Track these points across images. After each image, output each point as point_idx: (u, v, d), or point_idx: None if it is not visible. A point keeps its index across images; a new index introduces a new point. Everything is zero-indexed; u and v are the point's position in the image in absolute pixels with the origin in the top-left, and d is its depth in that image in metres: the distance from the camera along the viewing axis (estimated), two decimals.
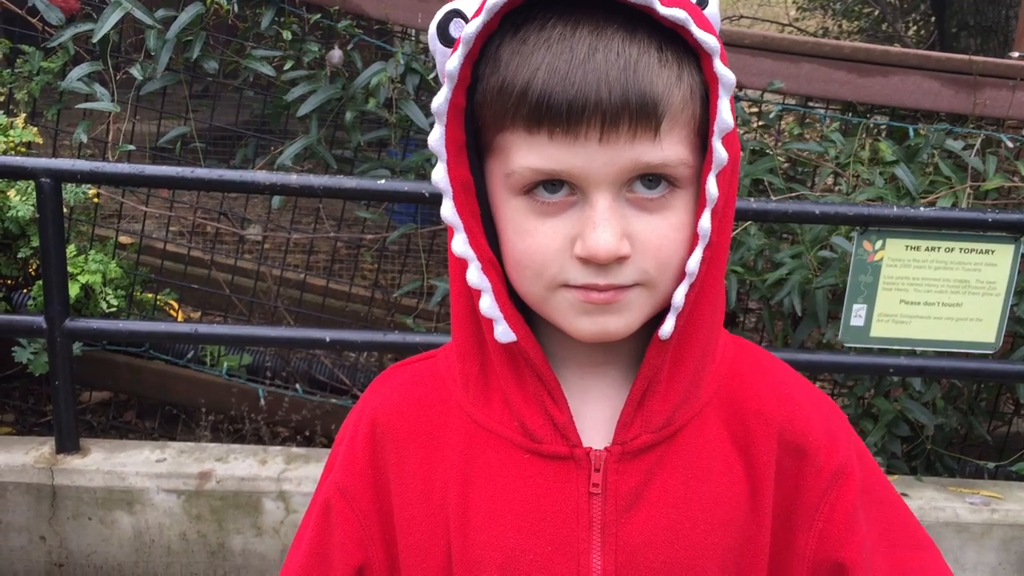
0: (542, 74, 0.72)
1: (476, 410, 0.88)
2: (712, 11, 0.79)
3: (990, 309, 2.63)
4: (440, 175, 0.78)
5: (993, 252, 2.59)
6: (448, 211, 0.80)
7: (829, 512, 0.87)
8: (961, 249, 2.59)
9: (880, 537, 0.90)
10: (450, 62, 0.75)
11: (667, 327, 0.80)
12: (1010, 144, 3.11)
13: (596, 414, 0.86)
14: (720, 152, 0.76)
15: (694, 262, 0.78)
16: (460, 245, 0.80)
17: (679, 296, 0.79)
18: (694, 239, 0.78)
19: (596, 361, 0.87)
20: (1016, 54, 3.79)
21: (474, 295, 0.82)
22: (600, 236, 0.74)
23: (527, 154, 0.75)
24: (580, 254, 0.75)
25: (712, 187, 0.77)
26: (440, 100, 0.76)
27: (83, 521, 2.64)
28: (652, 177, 0.76)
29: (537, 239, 0.77)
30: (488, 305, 0.81)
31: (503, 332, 0.81)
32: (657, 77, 0.73)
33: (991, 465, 3.05)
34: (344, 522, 0.92)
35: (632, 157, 0.74)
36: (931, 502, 2.71)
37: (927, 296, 2.62)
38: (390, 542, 0.91)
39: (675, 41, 0.75)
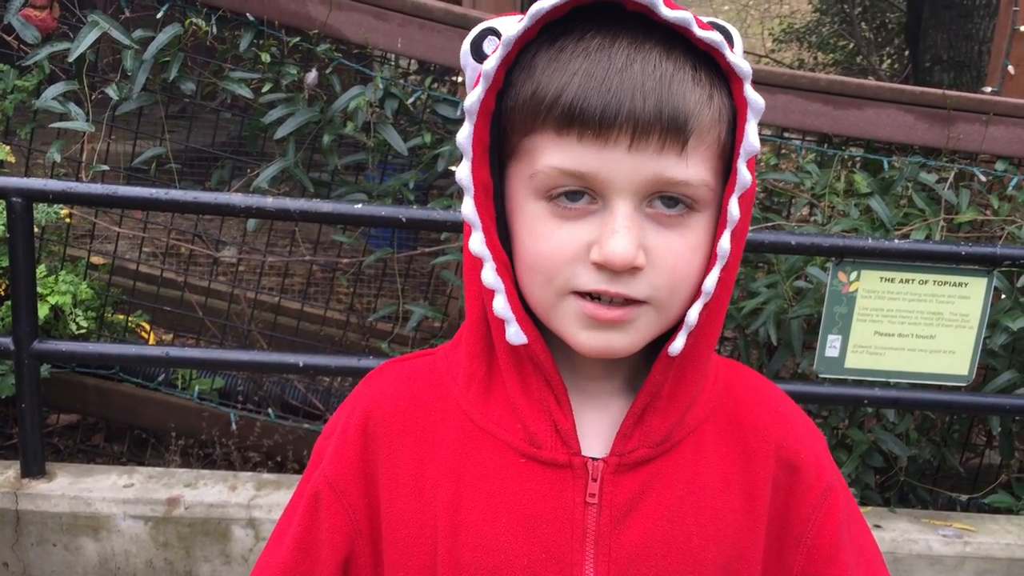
0: (578, 79, 0.74)
1: (474, 409, 0.87)
2: (737, 51, 0.81)
3: (963, 341, 2.65)
4: (464, 172, 0.79)
5: (966, 285, 2.61)
6: (468, 209, 0.80)
7: (817, 530, 0.90)
8: (935, 281, 2.61)
9: (859, 552, 0.93)
10: (487, 63, 0.76)
11: (678, 344, 0.81)
12: (983, 178, 3.14)
13: (594, 422, 0.87)
14: (744, 175, 0.78)
15: (711, 282, 0.79)
16: (477, 244, 0.81)
17: (693, 314, 0.80)
18: (711, 259, 0.80)
19: (598, 371, 0.87)
20: (989, 89, 3.85)
21: (486, 296, 0.83)
22: (618, 243, 0.75)
23: (554, 154, 0.76)
24: (596, 259, 0.76)
25: (734, 209, 0.79)
26: (473, 99, 0.77)
27: (47, 547, 2.58)
28: (672, 197, 0.77)
29: (551, 242, 0.78)
30: (501, 306, 0.81)
31: (515, 334, 0.82)
32: (690, 94, 0.75)
33: (964, 497, 3.06)
34: (333, 516, 0.91)
35: (657, 170, 0.75)
36: (904, 534, 2.71)
37: (901, 328, 2.64)
38: (376, 537, 0.91)
39: (708, 64, 0.77)
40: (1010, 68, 3.95)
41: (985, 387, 2.90)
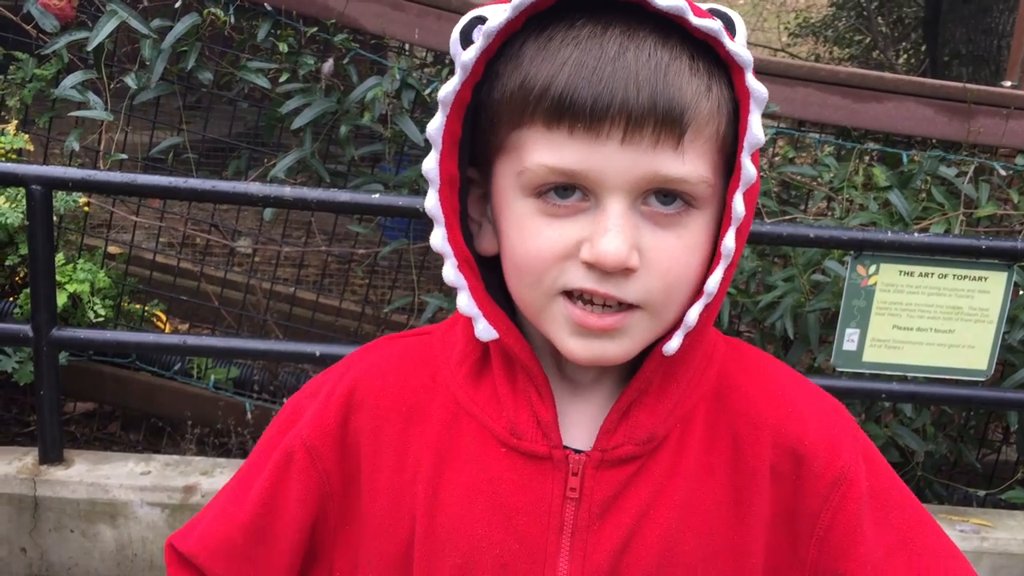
0: (568, 68, 0.70)
1: (462, 391, 0.86)
2: (740, 40, 0.77)
3: (982, 336, 2.63)
4: (431, 164, 0.77)
5: (986, 279, 2.59)
6: (432, 203, 0.78)
7: (830, 520, 0.84)
8: (954, 275, 2.59)
9: (900, 545, 0.86)
10: (466, 53, 0.73)
11: (674, 344, 0.78)
12: (1003, 172, 3.12)
13: (580, 413, 0.85)
14: (749, 169, 0.74)
15: (714, 282, 0.76)
16: (438, 239, 0.79)
17: (693, 315, 0.77)
18: (715, 257, 0.76)
19: None
20: (1008, 83, 3.82)
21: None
22: (611, 242, 0.71)
23: (543, 151, 0.73)
24: (587, 258, 0.73)
25: (739, 206, 0.75)
26: (448, 90, 0.74)
27: (65, 533, 2.60)
28: (669, 192, 0.74)
29: (540, 241, 0.75)
30: (465, 303, 0.80)
31: (484, 329, 0.80)
32: (687, 85, 0.71)
33: (981, 493, 3.04)
34: (306, 478, 0.89)
35: (652, 166, 0.72)
36: None
37: (920, 322, 2.62)
38: (349, 504, 0.90)
39: (707, 54, 0.73)
40: None
41: (1003, 383, 2.88)
